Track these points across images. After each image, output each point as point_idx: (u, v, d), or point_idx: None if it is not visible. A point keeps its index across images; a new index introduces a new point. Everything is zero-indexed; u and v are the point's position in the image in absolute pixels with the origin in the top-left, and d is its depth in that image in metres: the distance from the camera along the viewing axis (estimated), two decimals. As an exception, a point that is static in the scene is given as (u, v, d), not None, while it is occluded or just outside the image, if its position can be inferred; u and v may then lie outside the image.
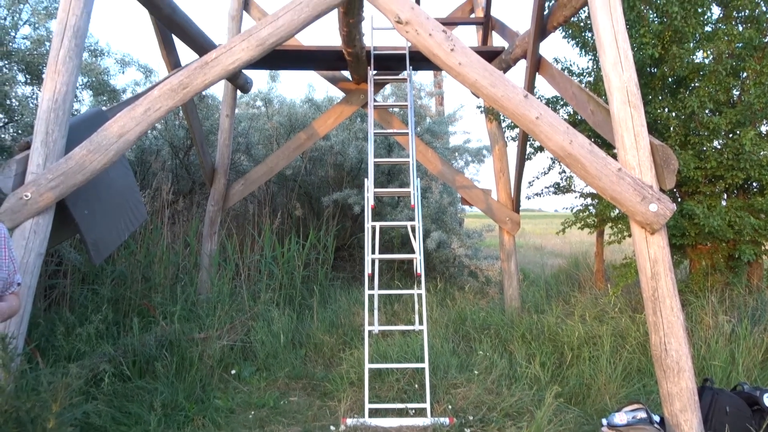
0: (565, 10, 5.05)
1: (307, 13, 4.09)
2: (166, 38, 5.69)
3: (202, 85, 4.07)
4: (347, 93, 7.69)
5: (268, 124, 10.06)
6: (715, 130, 5.89)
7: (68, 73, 3.90)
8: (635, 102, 3.89)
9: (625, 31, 3.98)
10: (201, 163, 7.17)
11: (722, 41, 5.87)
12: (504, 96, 3.95)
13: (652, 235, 3.81)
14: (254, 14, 7.61)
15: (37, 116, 3.86)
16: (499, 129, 7.71)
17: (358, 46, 6.04)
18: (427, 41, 4.01)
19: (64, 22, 3.88)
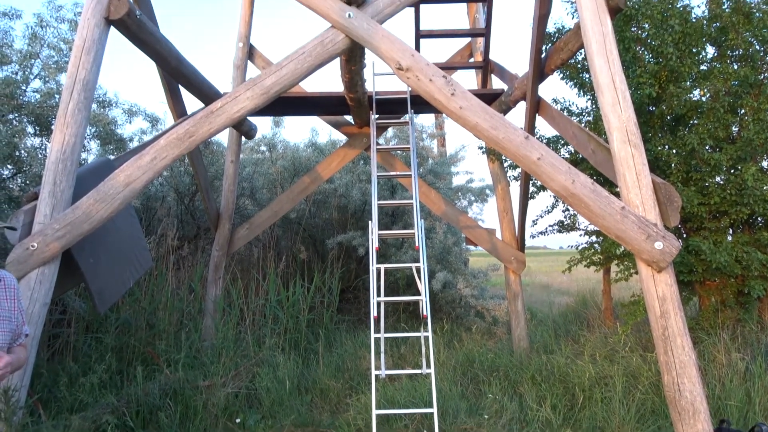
0: (562, 54, 5.16)
1: (310, 63, 4.20)
2: (173, 88, 5.83)
3: (207, 133, 4.14)
4: (350, 137, 7.79)
5: (273, 169, 10.17)
6: (716, 166, 5.92)
7: (77, 125, 3.98)
8: (635, 141, 3.93)
9: (621, 72, 4.06)
10: (206, 209, 7.22)
11: (718, 80, 5.97)
12: (505, 138, 4.00)
13: (659, 273, 3.79)
14: (258, 63, 7.80)
15: (46, 167, 3.92)
16: (501, 169, 7.77)
17: (360, 92, 6.16)
18: (428, 87, 4.10)
19: (74, 76, 3.99)
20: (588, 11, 4.13)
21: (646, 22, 6.20)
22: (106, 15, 4.08)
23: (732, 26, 6.14)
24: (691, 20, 6.22)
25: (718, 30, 6.45)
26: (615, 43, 4.13)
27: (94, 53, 4.05)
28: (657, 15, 6.03)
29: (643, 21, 6.19)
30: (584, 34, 4.16)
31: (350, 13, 4.14)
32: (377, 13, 4.23)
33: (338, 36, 4.23)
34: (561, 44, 5.16)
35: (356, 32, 4.16)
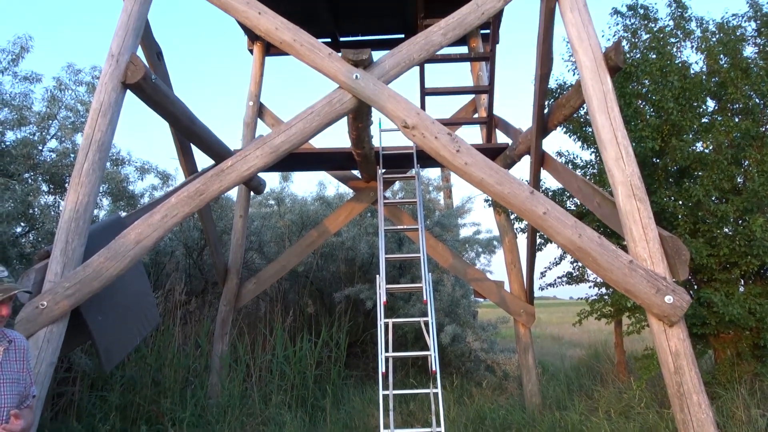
0: (564, 110, 5.28)
1: (318, 122, 4.32)
2: (185, 146, 5.98)
3: (217, 191, 4.22)
4: (357, 191, 7.89)
5: (280, 223, 10.25)
6: (723, 217, 5.92)
7: (91, 184, 4.07)
8: (640, 195, 3.97)
9: (623, 128, 4.15)
10: (214, 264, 7.25)
11: (720, 132, 6.06)
12: (510, 193, 4.05)
13: (671, 327, 3.74)
14: (268, 120, 8.00)
15: (59, 226, 3.99)
16: (507, 221, 7.80)
17: (367, 148, 6.29)
18: (434, 143, 4.19)
19: (90, 137, 4.11)
20: (588, 70, 4.26)
21: (645, 78, 6.35)
22: (123, 79, 4.24)
23: (731, 81, 6.27)
24: (690, 76, 6.37)
25: (717, 84, 6.59)
26: (616, 100, 4.23)
27: (110, 116, 4.19)
28: (656, 71, 6.19)
29: (643, 77, 6.34)
30: (585, 92, 4.27)
31: (357, 74, 4.28)
32: (383, 74, 4.37)
33: (346, 96, 4.36)
34: (563, 101, 5.29)
35: (363, 92, 4.29)
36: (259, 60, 8.00)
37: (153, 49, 5.17)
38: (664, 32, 6.76)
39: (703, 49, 6.75)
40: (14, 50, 5.89)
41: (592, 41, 4.33)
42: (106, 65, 4.27)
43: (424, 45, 4.47)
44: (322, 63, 4.33)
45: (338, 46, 8.36)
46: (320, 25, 7.87)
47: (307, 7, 7.35)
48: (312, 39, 4.41)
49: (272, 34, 4.41)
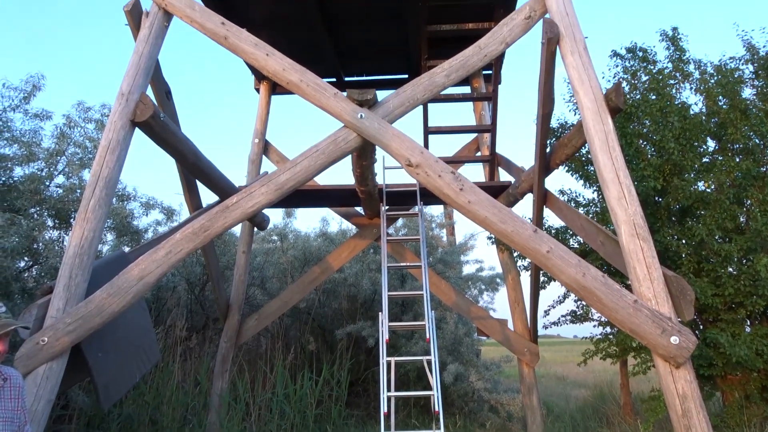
0: (566, 149, 5.33)
1: (323, 160, 4.37)
2: (190, 183, 6.03)
3: (222, 228, 4.24)
4: (360, 228, 7.91)
5: (283, 259, 10.24)
6: (727, 257, 5.91)
7: (96, 220, 4.10)
8: (643, 234, 3.97)
9: (625, 167, 4.18)
10: (216, 300, 7.22)
11: (721, 172, 6.10)
12: (514, 231, 4.06)
13: (678, 369, 3.69)
14: (273, 157, 8.09)
15: (63, 261, 4.00)
16: (511, 258, 7.78)
17: (371, 185, 6.33)
18: (437, 182, 4.23)
19: (97, 174, 4.16)
20: (589, 111, 4.32)
21: (646, 119, 6.44)
22: (132, 118, 4.32)
23: (730, 122, 6.35)
24: (689, 116, 6.46)
25: (717, 125, 6.67)
26: (617, 140, 4.28)
27: (118, 153, 4.25)
28: (656, 112, 6.28)
29: (644, 118, 6.43)
30: (587, 132, 4.32)
31: (362, 114, 4.35)
32: (387, 114, 4.44)
33: (350, 135, 4.42)
34: (565, 140, 5.35)
35: (367, 131, 4.35)
36: (265, 98, 8.14)
37: (162, 87, 5.28)
38: (663, 74, 6.88)
39: (702, 91, 6.85)
40: (26, 88, 6.03)
41: (593, 83, 4.41)
42: (116, 104, 4.35)
43: (428, 86, 4.56)
44: (327, 102, 4.41)
45: (343, 86, 8.52)
46: (326, 65, 8.04)
47: (314, 47, 7.53)
48: (318, 79, 4.51)
49: (279, 75, 4.50)
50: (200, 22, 4.69)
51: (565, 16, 4.56)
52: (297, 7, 6.71)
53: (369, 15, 6.99)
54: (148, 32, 4.67)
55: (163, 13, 4.80)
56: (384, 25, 7.22)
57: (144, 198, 7.09)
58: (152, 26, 4.70)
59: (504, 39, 4.68)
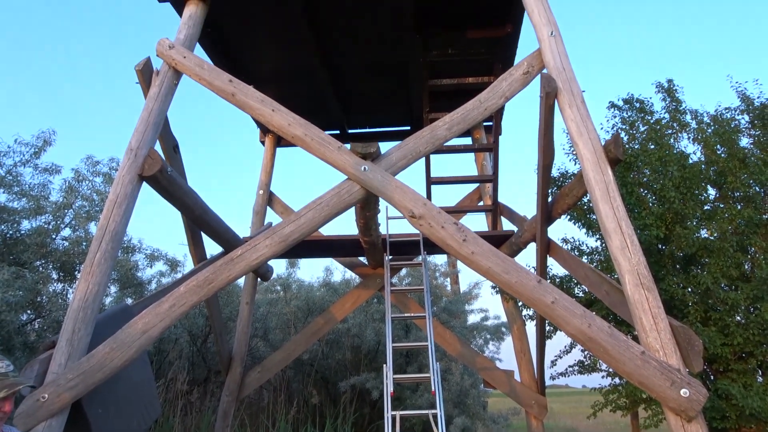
0: (568, 199, 5.38)
1: (328, 212, 4.41)
2: (195, 235, 6.07)
3: (226, 280, 4.25)
4: (364, 277, 7.89)
5: (286, 309, 10.18)
6: (734, 305, 5.86)
7: (101, 273, 4.12)
8: (648, 284, 3.96)
9: (627, 217, 4.21)
10: (218, 352, 7.14)
11: (723, 220, 6.13)
12: (518, 282, 4.05)
13: (690, 422, 3.61)
14: (277, 208, 8.17)
15: (67, 315, 3.99)
16: (516, 308, 7.72)
17: (374, 235, 6.36)
18: (440, 233, 4.25)
19: (104, 227, 4.21)
20: (589, 162, 4.39)
21: (646, 168, 6.52)
22: (140, 172, 4.41)
23: (729, 170, 6.43)
24: (688, 165, 6.55)
25: (716, 173, 6.75)
26: (617, 190, 4.33)
27: (125, 207, 4.31)
28: (655, 161, 6.37)
29: (643, 167, 6.52)
30: (587, 183, 4.38)
31: (365, 166, 4.42)
32: (390, 166, 4.51)
33: (354, 187, 4.48)
34: (566, 190, 5.40)
35: (371, 184, 4.41)
36: (270, 151, 8.30)
37: (170, 142, 5.39)
38: (660, 124, 7.03)
39: (699, 140, 6.97)
40: (37, 144, 6.17)
41: (592, 135, 4.50)
42: (125, 158, 4.45)
43: (430, 139, 4.65)
44: (332, 156, 4.50)
45: (347, 137, 8.69)
46: (330, 117, 8.23)
47: (318, 101, 7.73)
48: (322, 133, 4.61)
49: (285, 130, 4.61)
50: (209, 80, 4.85)
51: (562, 71, 4.69)
52: (302, 63, 6.93)
53: (372, 70, 7.21)
54: (158, 90, 4.82)
55: (173, 72, 4.96)
56: (386, 80, 7.43)
57: (149, 250, 7.13)
58: (162, 84, 4.85)
59: (503, 93, 4.80)
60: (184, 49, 5.02)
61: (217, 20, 5.96)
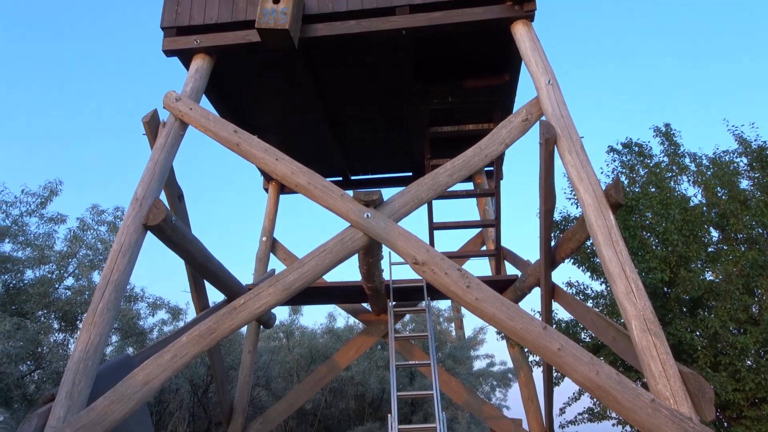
0: (571, 243, 5.38)
1: (331, 259, 4.42)
2: (198, 283, 6.06)
3: (229, 329, 4.22)
4: (367, 324, 7.81)
5: (289, 357, 10.05)
6: (743, 349, 5.77)
7: (104, 324, 4.10)
8: (655, 330, 3.91)
9: (631, 262, 4.20)
10: (219, 402, 6.99)
11: (728, 262, 6.10)
12: (523, 329, 4.01)
13: (706, 474, 3.50)
14: (280, 255, 8.17)
15: (67, 367, 3.94)
16: (522, 354, 7.60)
17: (378, 281, 6.34)
18: (444, 279, 4.24)
19: (107, 277, 4.21)
20: (591, 207, 4.41)
21: (647, 212, 6.54)
22: (144, 222, 4.44)
23: (731, 213, 6.45)
24: (690, 208, 6.57)
25: (718, 215, 6.76)
26: (620, 234, 4.33)
27: (129, 256, 4.32)
28: (657, 205, 6.39)
29: (645, 210, 6.54)
30: (590, 227, 4.39)
31: (368, 214, 4.45)
32: (393, 213, 4.55)
33: (357, 234, 4.50)
34: (569, 235, 5.40)
35: (374, 231, 4.43)
36: (273, 198, 8.37)
37: (175, 191, 5.45)
38: (660, 167, 7.09)
39: (699, 183, 7.02)
40: (44, 194, 6.25)
41: (592, 180, 4.54)
42: (130, 208, 4.49)
43: (432, 185, 4.70)
44: (335, 204, 4.54)
45: (349, 183, 8.78)
46: (332, 164, 8.33)
47: (321, 148, 7.85)
48: (325, 181, 4.66)
49: (288, 178, 4.67)
50: (214, 131, 4.94)
51: (560, 118, 4.78)
52: (305, 114, 7.07)
53: (373, 119, 7.34)
54: (165, 141, 4.91)
55: (179, 123, 5.07)
56: (388, 128, 7.56)
57: (151, 298, 7.10)
58: (168, 135, 4.95)
59: (503, 140, 4.88)
60: (191, 101, 5.14)
61: (223, 72, 6.13)
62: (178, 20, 5.57)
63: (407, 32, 5.38)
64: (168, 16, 5.59)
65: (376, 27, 5.33)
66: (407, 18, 5.33)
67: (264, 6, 5.06)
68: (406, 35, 5.43)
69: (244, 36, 5.44)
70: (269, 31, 5.04)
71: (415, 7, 5.36)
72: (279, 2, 5.07)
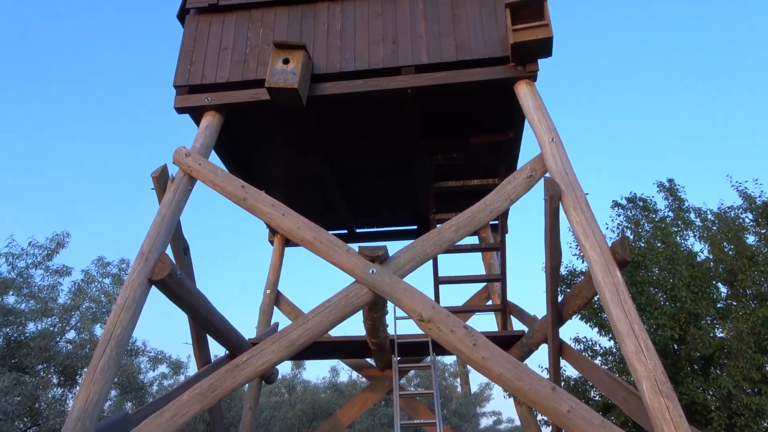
0: (578, 300, 5.32)
1: (335, 315, 4.38)
2: (201, 337, 5.99)
3: (231, 387, 4.14)
4: (371, 380, 7.65)
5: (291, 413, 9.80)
6: (759, 411, 5.60)
7: (104, 381, 4.03)
8: (667, 391, 3.81)
9: (639, 320, 4.14)
10: (219, 461, 6.78)
11: (738, 319, 6.01)
12: (531, 389, 3.92)
13: None
14: (284, 308, 8.10)
15: (65, 426, 3.85)
16: (530, 413, 7.38)
17: (382, 336, 6.25)
18: (449, 337, 4.18)
19: (110, 333, 4.17)
20: (597, 264, 4.39)
21: (654, 267, 6.51)
22: (149, 276, 4.44)
23: (739, 269, 6.40)
24: (697, 264, 6.53)
25: (726, 271, 6.71)
26: (628, 292, 4.29)
27: (133, 311, 4.30)
28: (663, 260, 6.36)
29: (651, 266, 6.51)
30: (597, 285, 4.35)
31: (373, 269, 4.44)
32: (398, 269, 4.53)
33: (362, 290, 4.47)
34: (576, 291, 5.35)
35: (379, 286, 4.41)
36: (278, 250, 8.37)
37: (181, 244, 5.47)
38: (665, 222, 7.10)
39: (705, 238, 7.00)
40: (50, 246, 6.28)
41: (598, 237, 4.53)
42: (136, 263, 4.50)
43: (437, 241, 4.70)
44: (340, 259, 4.53)
45: (354, 236, 8.79)
46: (338, 217, 8.37)
47: (326, 202, 7.91)
48: (330, 236, 4.67)
49: (294, 233, 4.69)
50: (222, 186, 5.01)
51: (564, 175, 4.82)
52: (312, 169, 7.17)
53: (379, 173, 7.43)
54: (173, 196, 4.97)
55: (188, 178, 5.14)
56: (393, 182, 7.64)
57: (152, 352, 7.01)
58: (177, 190, 5.01)
59: (508, 196, 4.91)
60: (200, 157, 5.23)
61: (232, 128, 6.26)
62: (191, 79, 5.74)
63: (413, 91, 5.51)
64: (181, 75, 5.76)
65: (382, 86, 5.47)
66: (413, 78, 5.47)
67: (274, 66, 5.22)
68: (412, 94, 5.57)
69: (253, 94, 5.58)
70: (279, 90, 5.18)
71: (420, 67, 5.51)
72: (288, 63, 5.23)
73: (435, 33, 5.64)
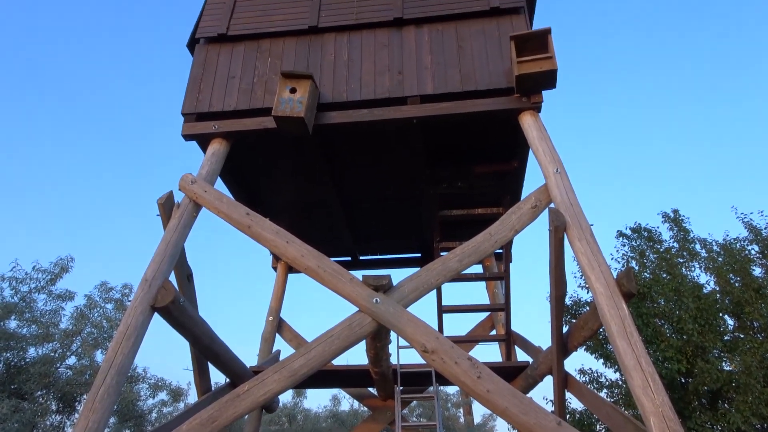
0: (583, 332, 5.26)
1: (338, 345, 4.34)
2: (202, 365, 5.93)
3: (232, 417, 4.09)
4: (373, 410, 7.54)
5: (291, 442, 9.64)
6: (769, 448, 5.48)
7: (103, 410, 3.98)
8: (675, 428, 3.75)
9: (646, 354, 4.08)
10: (217, 493, 6.64)
11: (746, 353, 5.93)
12: (537, 424, 3.86)
13: None
14: (286, 335, 8.04)
15: (62, 456, 3.80)
16: (534, 446, 7.25)
17: (385, 366, 6.18)
18: (454, 369, 4.13)
19: (111, 360, 4.14)
20: (603, 296, 4.35)
21: (660, 299, 6.45)
22: (152, 303, 4.42)
23: (746, 301, 6.34)
24: (703, 296, 6.47)
25: (732, 303, 6.64)
26: (634, 324, 4.24)
27: (134, 339, 4.27)
28: (669, 292, 6.31)
29: (657, 297, 6.45)
30: (602, 317, 4.31)
31: (377, 299, 4.41)
32: (402, 298, 4.50)
33: (365, 319, 4.44)
34: (581, 323, 5.30)
35: (383, 316, 4.37)
36: (282, 277, 8.34)
37: (184, 271, 5.45)
38: (670, 253, 7.06)
39: (711, 270, 6.95)
40: (54, 270, 6.28)
41: (603, 268, 4.50)
42: (139, 290, 4.48)
43: (442, 270, 4.68)
44: (343, 288, 4.51)
45: (358, 264, 8.77)
46: (342, 244, 8.37)
47: (331, 229, 7.92)
48: (335, 265, 4.66)
49: (298, 261, 4.68)
50: (227, 213, 5.02)
51: (569, 206, 4.82)
52: (317, 196, 7.19)
53: (384, 202, 7.45)
54: (178, 222, 4.98)
55: (193, 205, 5.16)
56: (398, 211, 7.65)
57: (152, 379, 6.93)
58: (182, 217, 5.02)
59: (513, 226, 4.90)
60: (206, 184, 5.26)
61: (238, 155, 6.31)
62: (199, 107, 5.81)
63: (418, 121, 5.56)
64: (189, 103, 5.83)
65: (388, 116, 5.52)
66: (418, 108, 5.52)
67: (281, 95, 5.28)
68: (417, 123, 5.61)
69: (260, 122, 5.63)
70: (285, 119, 5.23)
71: (425, 97, 5.57)
72: (295, 92, 5.29)
73: (440, 64, 5.71)
